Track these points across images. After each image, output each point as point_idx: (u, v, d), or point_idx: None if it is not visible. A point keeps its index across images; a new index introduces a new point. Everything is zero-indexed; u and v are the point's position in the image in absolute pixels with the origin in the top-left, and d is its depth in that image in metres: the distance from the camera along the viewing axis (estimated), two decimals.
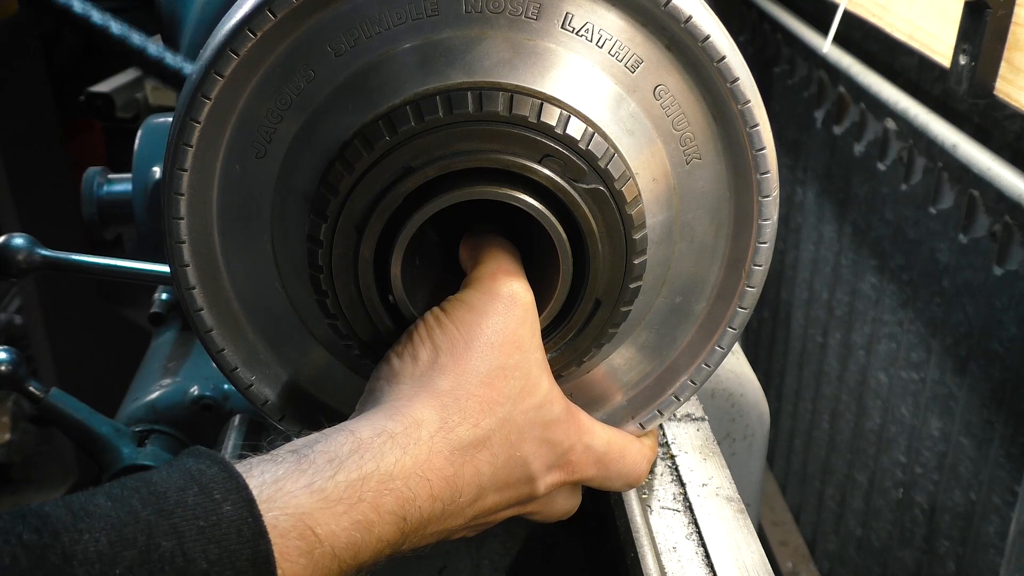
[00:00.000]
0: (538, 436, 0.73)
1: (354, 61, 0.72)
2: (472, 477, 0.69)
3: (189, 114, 0.71)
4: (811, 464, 2.55)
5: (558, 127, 0.70)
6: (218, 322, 0.80)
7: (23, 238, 1.20)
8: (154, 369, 1.42)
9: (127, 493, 0.57)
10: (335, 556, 0.62)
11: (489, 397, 0.71)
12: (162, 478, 0.59)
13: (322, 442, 0.65)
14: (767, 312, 2.81)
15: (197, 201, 0.75)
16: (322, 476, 0.63)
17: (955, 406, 1.85)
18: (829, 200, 2.38)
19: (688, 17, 0.71)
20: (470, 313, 0.73)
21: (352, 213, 0.71)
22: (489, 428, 0.71)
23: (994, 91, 1.70)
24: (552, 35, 0.73)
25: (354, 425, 0.68)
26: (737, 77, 0.73)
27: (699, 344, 0.86)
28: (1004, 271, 1.67)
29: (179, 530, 0.56)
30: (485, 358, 0.72)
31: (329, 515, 0.61)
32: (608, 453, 0.79)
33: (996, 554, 1.73)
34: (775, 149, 0.78)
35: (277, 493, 0.60)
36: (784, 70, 2.61)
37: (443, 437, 0.68)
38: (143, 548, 0.55)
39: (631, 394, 0.88)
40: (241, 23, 0.69)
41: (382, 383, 0.73)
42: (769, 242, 0.80)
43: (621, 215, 0.73)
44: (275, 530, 0.59)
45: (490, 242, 0.78)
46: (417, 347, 0.73)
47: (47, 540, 0.53)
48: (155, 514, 0.56)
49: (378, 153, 0.70)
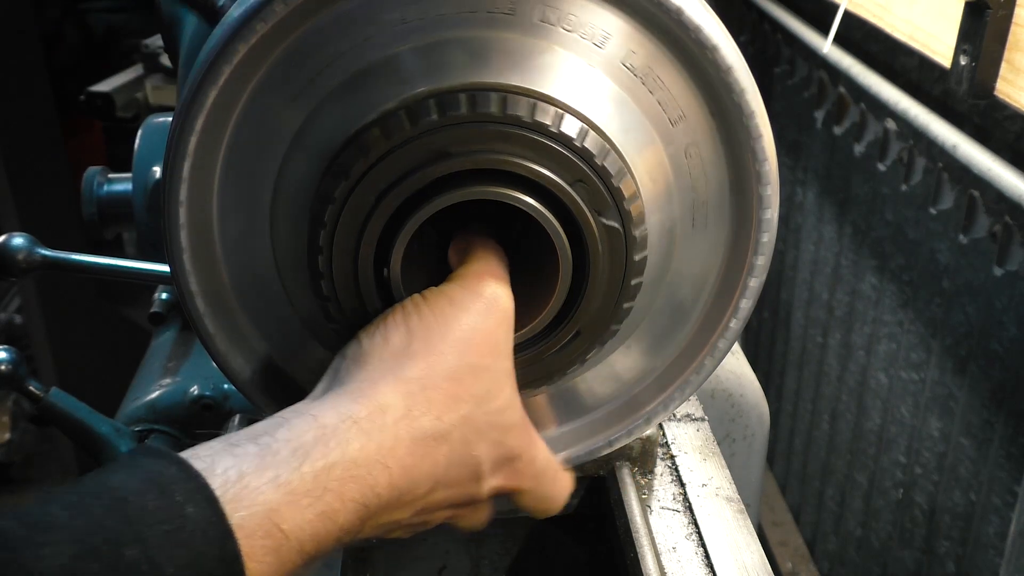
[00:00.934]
0: (495, 439, 0.73)
1: (352, 64, 0.72)
2: (430, 469, 0.68)
3: (188, 119, 0.71)
4: (811, 464, 2.55)
5: (552, 125, 0.70)
6: (219, 325, 0.80)
7: (23, 238, 1.20)
8: (154, 369, 1.42)
9: (86, 500, 0.55)
10: (301, 550, 0.61)
11: (455, 393, 0.70)
12: (121, 481, 0.56)
13: (284, 428, 0.63)
14: (767, 312, 2.81)
15: (197, 205, 0.75)
16: (287, 468, 0.61)
17: (955, 406, 1.85)
18: (829, 200, 2.38)
19: (679, 9, 0.71)
20: (450, 306, 0.72)
21: (352, 213, 0.71)
22: (451, 423, 0.70)
23: (994, 91, 1.70)
24: (549, 34, 0.73)
25: (317, 409, 0.66)
26: (731, 65, 0.73)
27: (702, 338, 0.85)
28: (1004, 271, 1.67)
29: (143, 536, 0.54)
30: (458, 353, 0.71)
31: (295, 509, 0.60)
32: (547, 471, 0.78)
33: (996, 555, 1.73)
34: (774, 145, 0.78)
35: (243, 491, 0.59)
36: (784, 70, 2.61)
37: (407, 425, 0.67)
38: (108, 558, 0.53)
39: (634, 392, 0.88)
40: (239, 25, 0.69)
41: (348, 363, 0.72)
42: (770, 234, 0.80)
43: (620, 211, 0.73)
44: (241, 530, 0.57)
45: (480, 244, 0.78)
46: (390, 329, 0.72)
47: (5, 557, 0.51)
48: (117, 521, 0.54)
49: (374, 157, 0.70)
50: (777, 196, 0.79)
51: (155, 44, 2.58)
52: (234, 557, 0.56)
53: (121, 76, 2.65)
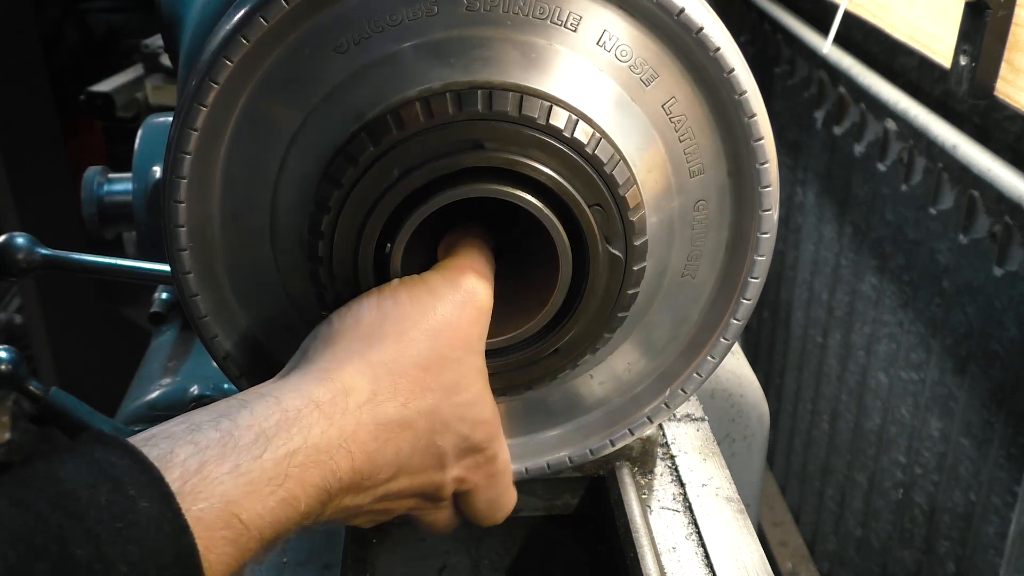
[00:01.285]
0: (461, 432, 0.72)
1: (355, 61, 0.72)
2: (393, 456, 0.68)
3: (188, 119, 0.71)
4: (811, 464, 2.55)
5: (566, 130, 0.70)
6: (220, 327, 0.80)
7: (23, 237, 1.20)
8: (154, 368, 1.42)
9: (32, 495, 0.52)
10: (261, 538, 0.59)
11: (423, 381, 0.69)
12: (69, 473, 0.53)
13: (247, 412, 0.62)
14: (767, 312, 2.81)
15: (197, 206, 0.75)
16: (248, 456, 0.59)
17: (955, 407, 1.85)
18: (829, 200, 2.38)
19: (681, 9, 0.71)
20: (428, 294, 0.71)
21: (355, 208, 0.71)
22: (417, 411, 0.69)
23: (994, 92, 1.70)
24: (555, 35, 0.73)
25: (280, 390, 0.65)
26: (733, 68, 0.73)
27: (702, 338, 0.86)
28: (1004, 272, 1.67)
29: (94, 533, 0.51)
30: (430, 342, 0.70)
31: (255, 498, 0.59)
32: (504, 474, 0.78)
33: (996, 555, 1.73)
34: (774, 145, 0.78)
35: (201, 483, 0.57)
36: (784, 70, 2.61)
37: (370, 410, 0.66)
38: (56, 558, 0.50)
39: (634, 392, 0.88)
40: (240, 24, 0.69)
41: (318, 343, 0.70)
42: (770, 234, 0.80)
43: (623, 221, 0.73)
44: (200, 523, 0.55)
45: (468, 240, 0.77)
46: (363, 310, 0.71)
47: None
48: (66, 517, 0.51)
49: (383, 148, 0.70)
50: (777, 196, 0.79)
51: (155, 44, 2.58)
52: (190, 553, 0.55)
53: (121, 76, 2.65)
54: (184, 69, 0.85)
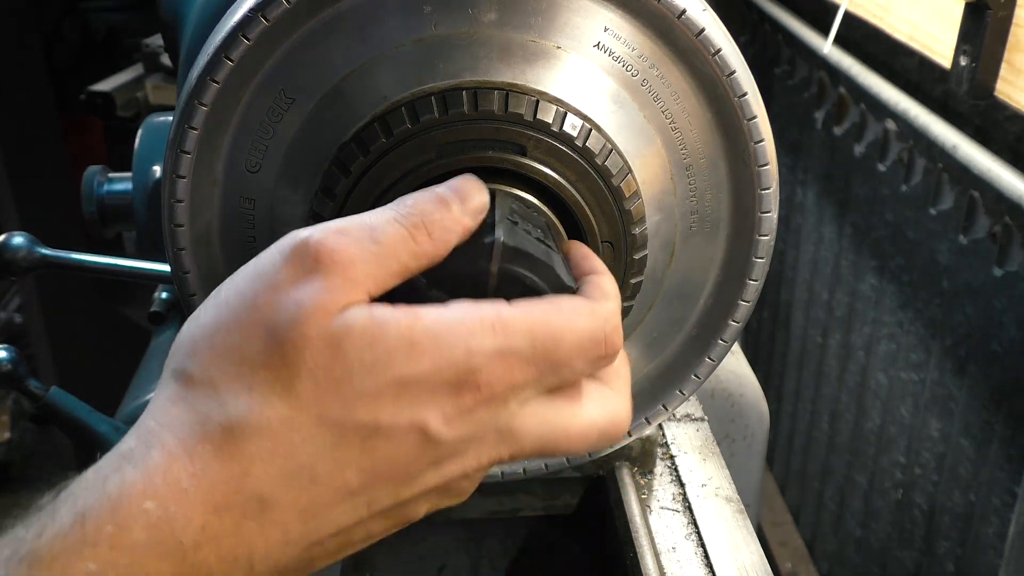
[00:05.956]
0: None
1: (352, 62, 0.72)
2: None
3: (188, 119, 0.71)
4: (811, 464, 2.55)
5: (554, 124, 0.70)
6: None
7: (23, 237, 1.20)
8: (154, 368, 1.42)
9: None
10: None
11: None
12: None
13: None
14: (767, 312, 2.81)
15: (197, 205, 0.75)
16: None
17: (954, 407, 1.85)
18: (829, 201, 2.38)
19: (682, 11, 0.71)
20: None
21: (355, 209, 0.71)
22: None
23: (994, 92, 1.70)
24: (548, 33, 0.73)
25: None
26: (734, 69, 0.73)
27: (702, 338, 0.85)
28: (1004, 272, 1.67)
29: None
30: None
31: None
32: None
33: (995, 555, 1.73)
34: (774, 146, 0.78)
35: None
36: (784, 71, 2.61)
37: None
38: None
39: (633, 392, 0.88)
40: (240, 24, 0.69)
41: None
42: (770, 235, 0.80)
43: (619, 210, 0.73)
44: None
45: None
46: None
47: None
48: None
49: (374, 155, 0.70)
50: (777, 197, 0.79)
51: (155, 44, 2.58)
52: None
53: (121, 75, 2.66)
54: (184, 68, 0.85)
